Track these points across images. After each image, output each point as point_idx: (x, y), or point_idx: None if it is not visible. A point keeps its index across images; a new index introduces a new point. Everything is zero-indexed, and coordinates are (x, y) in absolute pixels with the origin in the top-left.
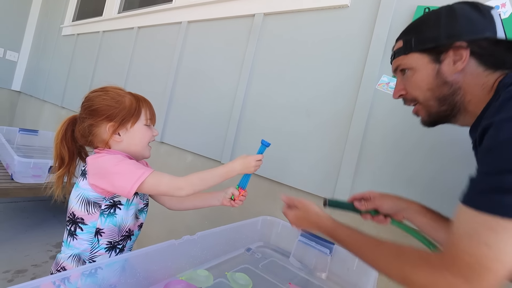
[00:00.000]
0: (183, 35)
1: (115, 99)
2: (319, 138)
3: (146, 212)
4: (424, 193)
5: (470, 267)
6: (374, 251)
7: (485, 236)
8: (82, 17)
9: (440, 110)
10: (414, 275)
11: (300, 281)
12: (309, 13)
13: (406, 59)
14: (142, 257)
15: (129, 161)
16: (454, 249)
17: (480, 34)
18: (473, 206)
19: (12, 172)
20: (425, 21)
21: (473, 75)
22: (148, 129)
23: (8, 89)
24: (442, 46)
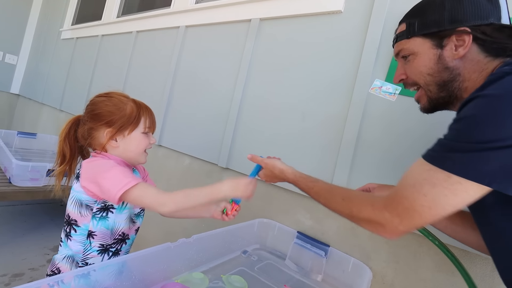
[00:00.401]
0: (181, 39)
1: (117, 106)
2: (315, 139)
3: (143, 216)
4: None
5: (404, 208)
6: (328, 196)
7: (425, 188)
8: (81, 21)
9: (439, 96)
10: (359, 213)
11: (295, 283)
12: (304, 19)
13: (409, 44)
14: (138, 260)
15: (120, 169)
16: (396, 194)
17: (484, 20)
18: (428, 160)
19: (10, 176)
20: (430, 3)
21: (473, 61)
22: (145, 137)
23: (7, 92)
24: (445, 31)
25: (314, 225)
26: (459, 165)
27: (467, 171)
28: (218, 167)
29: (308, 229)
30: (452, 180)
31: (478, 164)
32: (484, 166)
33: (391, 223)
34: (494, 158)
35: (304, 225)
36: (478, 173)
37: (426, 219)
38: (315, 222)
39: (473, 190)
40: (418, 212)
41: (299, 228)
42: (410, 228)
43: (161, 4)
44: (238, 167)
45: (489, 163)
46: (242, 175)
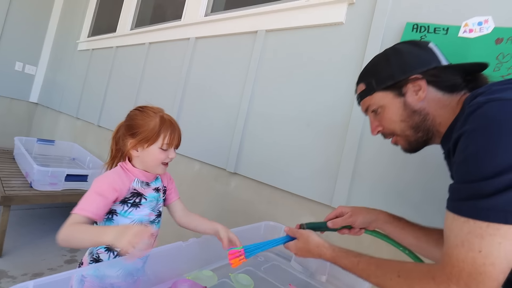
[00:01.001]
0: (191, 50)
1: (144, 121)
2: (318, 147)
3: (158, 222)
4: (418, 198)
5: (469, 274)
6: (379, 273)
7: (475, 243)
8: (97, 33)
9: (418, 137)
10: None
11: (300, 283)
12: (308, 30)
13: (373, 99)
14: (152, 257)
15: (97, 191)
16: (451, 259)
17: (428, 65)
18: (458, 213)
19: (32, 180)
20: (378, 62)
21: (435, 100)
22: (163, 152)
23: (26, 101)
24: (400, 81)
25: None
26: (492, 212)
27: (505, 216)
28: (226, 172)
29: None
30: (495, 227)
31: (508, 205)
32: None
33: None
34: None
35: None
36: None
37: (496, 279)
38: None
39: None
40: (484, 274)
41: None
42: None
43: (172, 16)
44: (246, 172)
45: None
46: (250, 180)
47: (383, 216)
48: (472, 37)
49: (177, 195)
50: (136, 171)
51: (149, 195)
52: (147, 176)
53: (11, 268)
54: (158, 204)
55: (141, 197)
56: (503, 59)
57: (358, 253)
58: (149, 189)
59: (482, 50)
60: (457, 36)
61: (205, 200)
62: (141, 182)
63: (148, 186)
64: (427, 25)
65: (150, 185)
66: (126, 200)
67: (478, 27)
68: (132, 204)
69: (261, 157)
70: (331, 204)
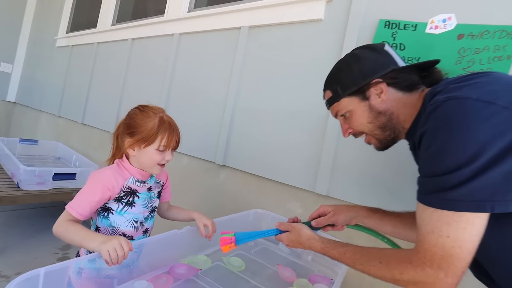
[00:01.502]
0: (175, 46)
1: (142, 120)
2: (301, 138)
3: (152, 218)
4: (390, 183)
5: (440, 257)
6: (364, 261)
7: (444, 229)
8: (76, 28)
9: (386, 135)
10: (403, 276)
11: (288, 263)
12: (289, 26)
13: (341, 105)
14: (150, 244)
15: (91, 189)
16: (424, 245)
17: (386, 69)
18: (428, 205)
19: (18, 181)
20: (340, 69)
21: (397, 100)
22: (159, 154)
23: (3, 100)
24: (363, 86)
25: (304, 212)
26: (456, 202)
27: (467, 206)
28: (215, 165)
29: (299, 216)
30: (459, 215)
31: (472, 195)
32: (477, 194)
33: (438, 279)
34: (482, 182)
35: (295, 213)
36: (476, 204)
37: (465, 259)
38: (305, 210)
39: (481, 217)
40: (454, 256)
41: (291, 216)
42: (458, 276)
43: (154, 12)
44: (234, 164)
45: (480, 190)
46: (239, 171)
47: (362, 212)
48: (437, 33)
49: (169, 196)
50: (132, 169)
51: (142, 193)
52: (142, 175)
53: (3, 268)
54: (151, 201)
55: (134, 195)
56: (464, 53)
57: (344, 243)
58: (144, 187)
59: (446, 45)
60: (424, 32)
61: (195, 193)
62: (136, 180)
63: (144, 184)
64: (398, 22)
65: (145, 183)
66: (120, 198)
67: (443, 23)
68: (127, 203)
69: (248, 149)
70: (314, 190)
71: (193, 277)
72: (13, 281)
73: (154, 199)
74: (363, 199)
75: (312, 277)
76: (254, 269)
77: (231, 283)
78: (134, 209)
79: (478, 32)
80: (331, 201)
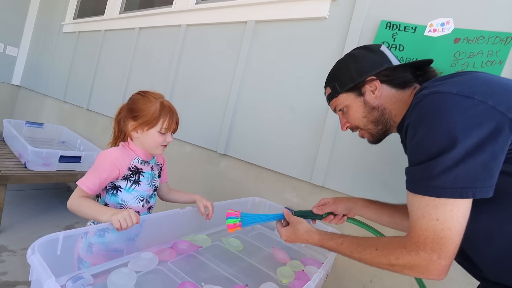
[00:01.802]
0: (182, 37)
1: (145, 105)
2: (300, 130)
3: (155, 196)
4: (387, 176)
5: (432, 240)
6: (360, 249)
7: (432, 213)
8: (83, 15)
9: (378, 129)
10: (399, 261)
11: (282, 247)
12: (295, 22)
13: (339, 100)
14: (154, 220)
15: (100, 167)
16: (416, 229)
17: (381, 67)
18: (416, 192)
19: (26, 161)
20: (339, 68)
21: (390, 96)
22: (161, 136)
23: (8, 83)
24: (359, 83)
25: (300, 201)
26: (441, 189)
27: (451, 192)
28: (217, 154)
29: (295, 205)
30: (444, 200)
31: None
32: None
33: (431, 261)
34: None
35: (291, 202)
36: (459, 191)
37: (454, 240)
38: (301, 199)
39: (466, 200)
40: (444, 238)
41: (287, 204)
42: (449, 257)
43: (162, 2)
44: (235, 154)
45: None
46: (239, 160)
47: (360, 202)
48: (435, 36)
49: (166, 177)
50: (137, 150)
51: (146, 172)
52: (146, 155)
53: (9, 243)
54: (154, 180)
55: (139, 174)
56: (459, 56)
57: (341, 234)
58: (148, 166)
59: (443, 47)
60: (423, 35)
61: (196, 180)
62: (141, 160)
63: (147, 164)
64: (399, 24)
65: (149, 163)
66: (127, 177)
67: (441, 27)
68: (134, 181)
69: (249, 140)
70: (310, 180)
71: (194, 252)
72: (37, 241)
73: (156, 179)
74: (358, 191)
75: (304, 260)
76: (251, 250)
77: (229, 260)
78: (140, 187)
79: (473, 37)
80: (327, 192)
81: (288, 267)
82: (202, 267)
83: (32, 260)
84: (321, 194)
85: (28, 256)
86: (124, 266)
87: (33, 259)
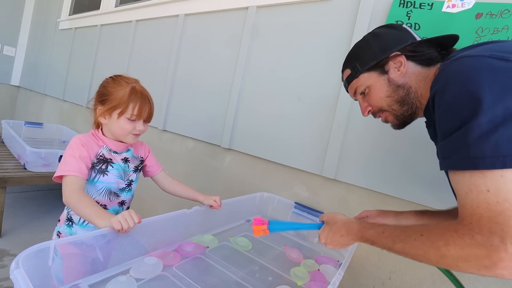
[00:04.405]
0: (181, 28)
1: (114, 89)
2: (309, 121)
3: (129, 191)
4: (399, 168)
5: (489, 219)
6: (404, 236)
7: (481, 184)
8: (78, 11)
9: (403, 110)
10: (450, 249)
11: (294, 245)
12: (298, 6)
13: (360, 81)
14: (160, 222)
15: (73, 153)
16: (466, 208)
17: (405, 43)
18: (451, 168)
19: (25, 162)
20: (359, 47)
21: (415, 73)
22: (130, 123)
23: (7, 84)
24: (381, 60)
25: (310, 196)
26: (480, 159)
27: (491, 163)
28: (221, 148)
29: (305, 200)
30: (497, 172)
31: (497, 149)
32: (502, 148)
33: (493, 246)
34: (505, 135)
35: (301, 197)
36: (502, 160)
37: None
38: (311, 194)
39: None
40: (503, 213)
41: (297, 199)
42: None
43: None
44: (240, 147)
45: (504, 143)
46: (245, 154)
47: (411, 216)
48: (455, 12)
49: (159, 167)
50: (105, 139)
51: (116, 163)
52: (116, 145)
53: (11, 247)
54: (127, 174)
55: (107, 163)
56: (482, 33)
57: (382, 223)
58: (118, 157)
59: (463, 24)
60: (441, 11)
61: (201, 176)
62: (109, 150)
63: (117, 155)
64: (413, 1)
65: (119, 154)
66: (94, 165)
67: (460, 2)
68: (99, 170)
69: (254, 132)
70: (321, 173)
71: (200, 255)
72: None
73: (129, 172)
74: (373, 183)
75: (318, 258)
76: (261, 249)
77: (238, 262)
78: (107, 177)
79: (497, 11)
80: (339, 185)
81: (302, 267)
82: (209, 271)
83: (15, 276)
84: (333, 187)
85: (11, 271)
86: (125, 273)
87: (16, 274)
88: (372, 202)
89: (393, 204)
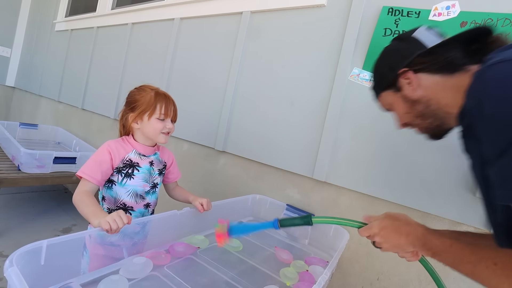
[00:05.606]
0: (176, 31)
1: (140, 95)
2: (301, 125)
3: (153, 193)
4: (387, 171)
5: None
6: (472, 261)
7: None
8: (75, 12)
9: (428, 124)
10: None
11: (285, 246)
12: (292, 12)
13: (382, 100)
14: (151, 223)
15: (97, 159)
16: None
17: (410, 57)
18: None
19: (19, 163)
20: (375, 67)
21: (434, 84)
22: (160, 122)
23: (2, 85)
24: (392, 79)
25: (302, 198)
26: None
27: None
28: (215, 151)
29: (296, 202)
30: None
31: None
32: None
33: None
34: None
35: (292, 199)
36: None
37: None
38: (302, 196)
39: None
40: None
41: (289, 201)
42: None
43: None
44: (234, 150)
45: None
46: (238, 157)
47: None
48: (441, 20)
49: (177, 177)
50: (135, 143)
51: (143, 166)
52: (144, 149)
53: (5, 248)
54: (152, 177)
55: (134, 168)
56: None
57: (450, 233)
58: (145, 160)
59: (449, 32)
60: (428, 19)
61: (195, 178)
62: (138, 154)
63: (145, 158)
64: (401, 9)
65: (147, 157)
66: (120, 170)
67: (446, 11)
68: (126, 174)
69: (248, 136)
70: (312, 176)
71: (191, 255)
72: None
73: (155, 176)
74: (361, 186)
75: (308, 259)
76: (252, 250)
77: (229, 262)
78: (133, 181)
79: (481, 20)
80: (329, 188)
81: (291, 268)
82: (200, 271)
83: (9, 273)
84: (323, 189)
85: (5, 269)
86: (115, 273)
87: (10, 272)
88: (361, 204)
89: (382, 206)
